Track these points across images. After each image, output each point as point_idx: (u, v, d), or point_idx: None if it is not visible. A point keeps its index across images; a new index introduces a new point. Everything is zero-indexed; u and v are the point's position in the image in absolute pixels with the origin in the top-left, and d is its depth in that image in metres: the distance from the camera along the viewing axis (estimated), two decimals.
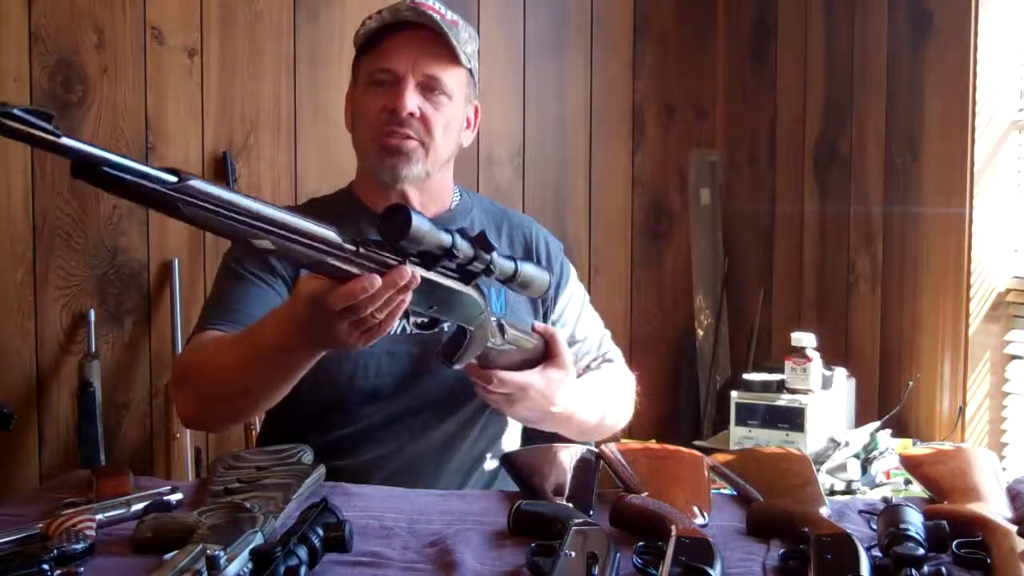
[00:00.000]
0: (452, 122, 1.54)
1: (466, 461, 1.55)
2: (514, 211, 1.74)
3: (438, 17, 1.50)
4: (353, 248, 1.05)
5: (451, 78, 1.52)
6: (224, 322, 1.44)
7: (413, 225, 1.06)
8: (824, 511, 1.13)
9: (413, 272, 1.10)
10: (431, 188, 1.57)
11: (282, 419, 1.56)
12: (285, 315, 1.20)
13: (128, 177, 0.86)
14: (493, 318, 1.32)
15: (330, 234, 1.02)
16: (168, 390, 2.65)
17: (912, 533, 1.02)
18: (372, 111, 1.50)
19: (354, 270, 1.06)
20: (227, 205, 0.93)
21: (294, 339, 1.19)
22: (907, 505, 1.10)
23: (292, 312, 1.17)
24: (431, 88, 1.50)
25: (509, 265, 1.25)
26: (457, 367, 1.33)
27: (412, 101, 1.48)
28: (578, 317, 1.69)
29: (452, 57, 1.51)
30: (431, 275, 1.16)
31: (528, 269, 1.29)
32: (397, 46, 1.49)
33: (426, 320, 1.25)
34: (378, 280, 1.07)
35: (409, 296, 1.12)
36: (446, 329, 1.31)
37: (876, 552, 1.03)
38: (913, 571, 0.95)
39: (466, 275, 1.21)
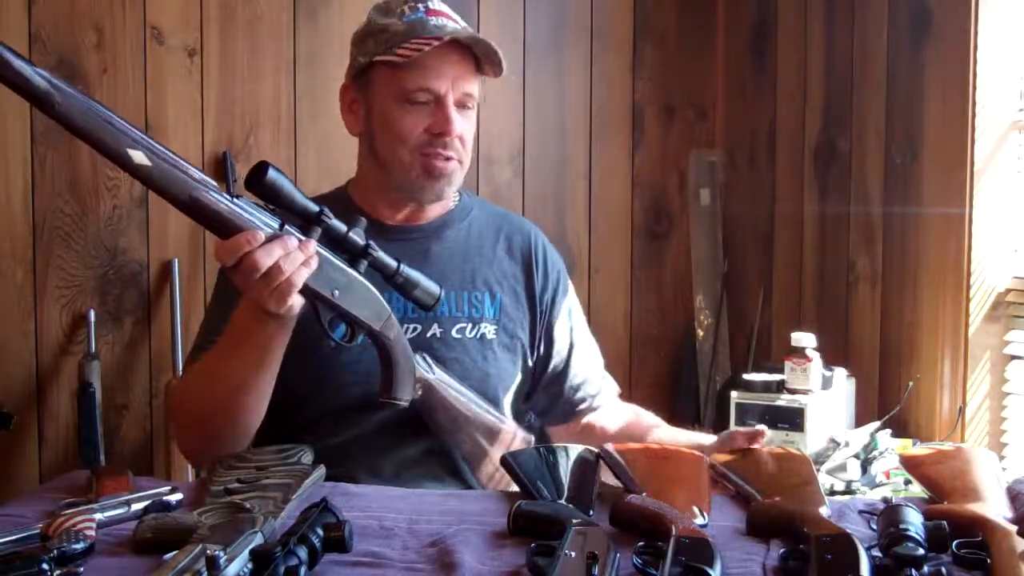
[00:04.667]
0: (474, 131, 1.56)
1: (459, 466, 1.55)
2: (516, 215, 1.73)
3: (469, 32, 1.49)
4: (229, 195, 1.15)
5: (478, 90, 1.54)
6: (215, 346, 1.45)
7: (269, 176, 1.17)
8: (824, 511, 1.13)
9: (305, 240, 1.19)
10: None
11: (277, 428, 1.55)
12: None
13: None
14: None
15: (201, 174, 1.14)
16: (168, 391, 2.65)
17: (912, 533, 1.02)
18: (413, 131, 1.49)
19: (236, 219, 1.16)
20: (104, 109, 1.06)
21: (245, 313, 1.28)
22: (907, 505, 1.10)
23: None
24: (464, 104, 1.51)
25: (391, 262, 1.30)
26: (404, 401, 1.38)
27: (458, 124, 1.49)
28: (571, 346, 1.69)
29: (478, 68, 1.51)
30: (322, 250, 1.23)
31: (412, 273, 1.33)
32: (437, 64, 1.48)
33: (343, 326, 1.31)
34: (261, 235, 1.16)
35: (310, 260, 1.19)
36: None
37: (876, 552, 1.03)
38: (913, 571, 0.95)
39: (351, 259, 1.28)
